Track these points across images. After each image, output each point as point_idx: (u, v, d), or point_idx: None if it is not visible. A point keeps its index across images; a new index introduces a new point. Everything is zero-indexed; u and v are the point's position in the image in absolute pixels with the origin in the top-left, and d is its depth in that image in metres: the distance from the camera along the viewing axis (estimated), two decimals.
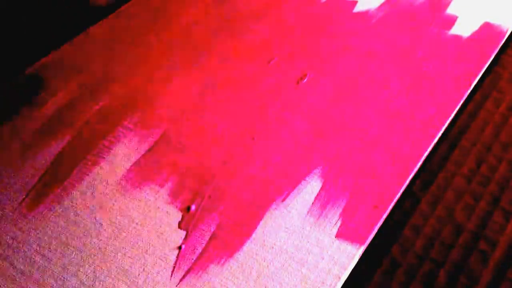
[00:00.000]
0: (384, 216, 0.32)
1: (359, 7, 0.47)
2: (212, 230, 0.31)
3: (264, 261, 0.30)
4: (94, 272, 0.30)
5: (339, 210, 0.32)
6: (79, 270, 0.30)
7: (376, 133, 0.36)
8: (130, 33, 0.46)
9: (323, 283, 0.29)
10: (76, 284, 0.29)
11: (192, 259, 0.30)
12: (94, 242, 0.31)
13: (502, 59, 0.43)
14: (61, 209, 0.33)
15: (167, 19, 0.48)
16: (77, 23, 0.49)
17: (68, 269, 0.30)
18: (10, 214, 0.33)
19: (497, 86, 0.40)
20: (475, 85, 0.40)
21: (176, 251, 0.31)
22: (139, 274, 0.30)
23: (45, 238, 0.32)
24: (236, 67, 0.42)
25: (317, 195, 0.33)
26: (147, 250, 0.31)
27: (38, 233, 0.32)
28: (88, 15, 0.49)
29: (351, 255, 0.30)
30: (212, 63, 0.43)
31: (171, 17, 0.48)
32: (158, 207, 0.33)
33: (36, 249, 0.31)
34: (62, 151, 0.36)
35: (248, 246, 0.31)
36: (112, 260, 0.30)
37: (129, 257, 0.30)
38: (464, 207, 0.33)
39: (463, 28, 0.45)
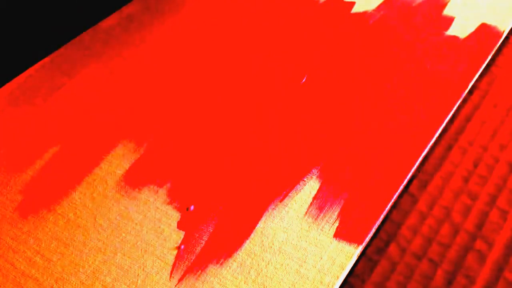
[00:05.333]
0: (382, 216, 0.32)
1: (357, 8, 0.48)
2: (211, 230, 0.32)
3: (263, 261, 0.30)
4: (93, 272, 0.30)
5: (337, 210, 0.32)
6: (79, 270, 0.30)
7: (374, 133, 0.36)
8: (131, 30, 0.46)
9: (321, 282, 0.29)
10: (76, 284, 0.29)
11: (191, 259, 0.30)
12: (94, 242, 0.31)
13: (499, 59, 0.43)
14: (60, 210, 0.33)
15: (165, 18, 0.48)
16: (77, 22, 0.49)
17: (68, 269, 0.30)
18: (10, 214, 0.33)
19: (493, 87, 0.40)
20: (472, 86, 0.41)
21: (175, 251, 0.31)
22: (138, 274, 0.30)
23: (45, 238, 0.32)
24: (235, 68, 0.42)
25: (315, 195, 0.33)
26: (146, 250, 0.31)
27: (38, 234, 0.32)
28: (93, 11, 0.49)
29: (349, 254, 0.30)
30: (211, 63, 0.43)
31: (167, 15, 0.48)
32: (157, 207, 0.33)
33: (36, 249, 0.31)
34: (62, 151, 0.37)
35: (246, 246, 0.31)
36: (111, 260, 0.31)
37: (128, 257, 0.31)
38: (461, 207, 0.33)
39: (460, 29, 0.45)
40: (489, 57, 0.42)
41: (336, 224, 0.32)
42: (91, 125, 0.38)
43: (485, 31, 0.44)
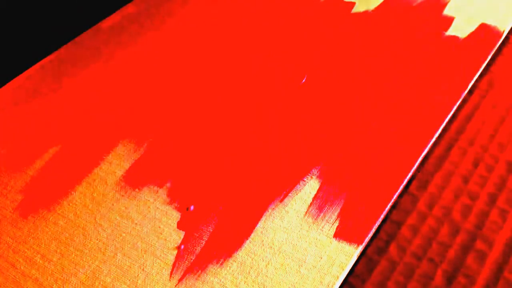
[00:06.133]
0: (382, 216, 0.32)
1: (357, 8, 0.48)
2: (211, 230, 0.32)
3: (263, 261, 0.30)
4: (93, 272, 0.30)
5: (337, 210, 0.32)
6: (78, 270, 0.30)
7: (374, 133, 0.36)
8: (131, 30, 0.46)
9: (321, 282, 0.29)
10: (76, 284, 0.29)
11: (191, 259, 0.30)
12: (94, 243, 0.31)
13: (499, 59, 0.43)
14: (60, 210, 0.33)
15: (165, 18, 0.48)
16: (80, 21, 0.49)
17: (67, 269, 0.30)
18: (10, 214, 0.33)
19: (493, 87, 0.40)
20: (472, 86, 0.41)
21: (175, 251, 0.31)
22: (138, 274, 0.30)
23: (45, 238, 0.32)
24: (235, 68, 0.42)
25: (315, 195, 0.33)
26: (146, 250, 0.31)
27: (38, 234, 0.32)
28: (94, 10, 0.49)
29: (349, 254, 0.30)
30: (211, 63, 0.43)
31: (168, 16, 0.48)
32: (157, 207, 0.33)
33: (36, 249, 0.31)
34: (62, 151, 0.37)
35: (246, 246, 0.31)
36: (111, 260, 0.31)
37: (128, 257, 0.31)
38: (461, 207, 0.33)
39: (460, 29, 0.45)
40: (489, 57, 0.42)
41: (336, 224, 0.32)
42: (91, 125, 0.38)
43: (485, 31, 0.44)
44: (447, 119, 0.37)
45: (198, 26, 0.47)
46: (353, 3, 0.48)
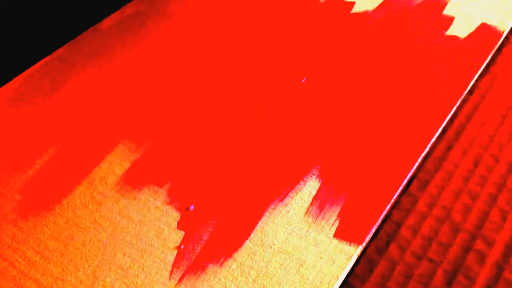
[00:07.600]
0: (382, 216, 0.32)
1: (357, 8, 0.48)
2: (211, 230, 0.32)
3: (263, 261, 0.30)
4: (93, 272, 0.30)
5: (337, 210, 0.32)
6: (78, 270, 0.30)
7: (374, 133, 0.36)
8: (131, 30, 0.46)
9: (321, 282, 0.29)
10: (76, 284, 0.29)
11: (191, 259, 0.30)
12: (93, 242, 0.31)
13: (499, 59, 0.43)
14: (60, 209, 0.33)
15: (165, 18, 0.48)
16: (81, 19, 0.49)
17: (67, 269, 0.30)
18: (10, 214, 0.33)
19: (493, 87, 0.40)
20: (472, 86, 0.41)
21: (175, 251, 0.31)
22: (138, 274, 0.30)
23: (45, 238, 0.32)
24: (235, 68, 0.42)
25: (316, 195, 0.33)
26: (146, 250, 0.31)
27: (37, 234, 0.32)
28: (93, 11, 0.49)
29: (349, 254, 0.30)
30: (211, 63, 0.43)
31: (168, 16, 0.48)
32: (157, 207, 0.33)
33: (36, 249, 0.31)
34: (62, 151, 0.37)
35: (246, 246, 0.31)
36: (111, 260, 0.31)
37: (128, 257, 0.31)
38: (461, 207, 0.33)
39: (460, 29, 0.45)
40: (489, 57, 0.42)
41: (336, 224, 0.31)
42: (91, 125, 0.38)
43: (485, 31, 0.44)
44: (447, 119, 0.37)
45: (197, 26, 0.47)
46: (353, 3, 0.48)
